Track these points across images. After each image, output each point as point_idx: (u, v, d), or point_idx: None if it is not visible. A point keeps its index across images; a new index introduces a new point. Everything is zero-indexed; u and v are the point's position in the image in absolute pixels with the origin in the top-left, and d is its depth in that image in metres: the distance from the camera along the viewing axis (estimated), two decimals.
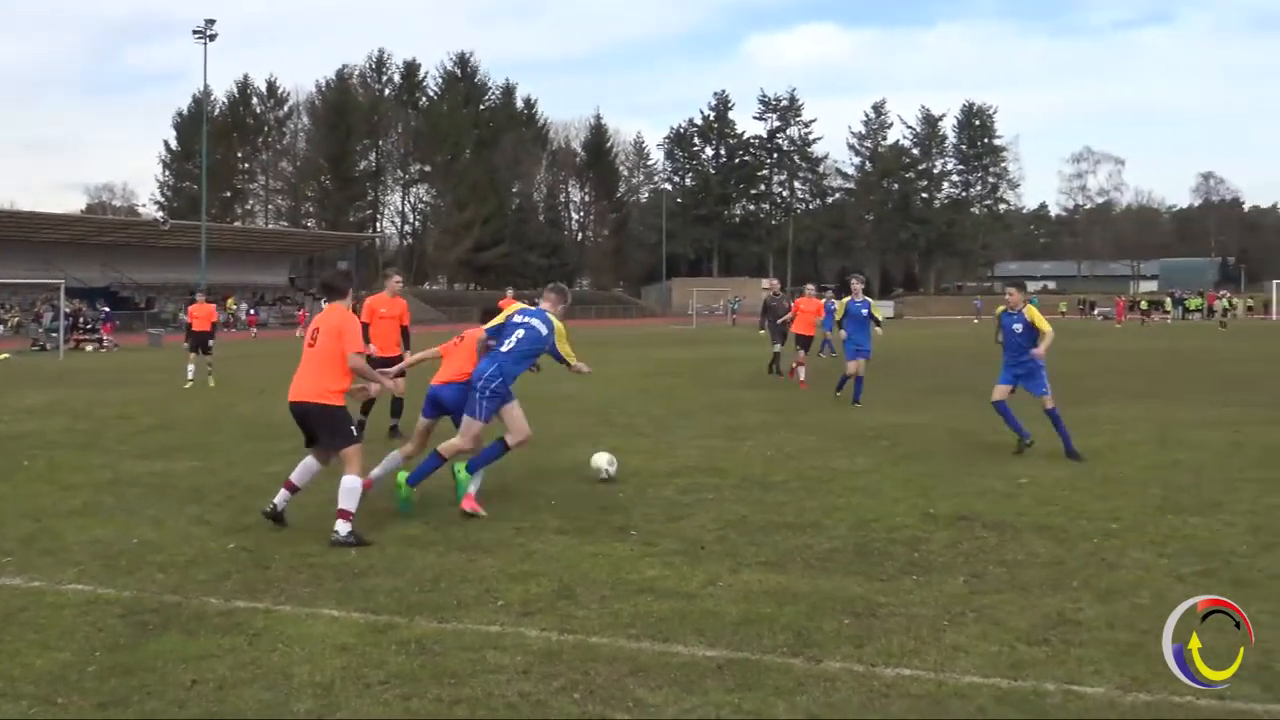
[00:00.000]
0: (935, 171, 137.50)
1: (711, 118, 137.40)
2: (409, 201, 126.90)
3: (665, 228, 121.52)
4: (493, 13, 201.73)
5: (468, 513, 9.20)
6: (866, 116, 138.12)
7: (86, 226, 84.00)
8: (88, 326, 51.67)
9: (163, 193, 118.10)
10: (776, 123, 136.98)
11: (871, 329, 18.51)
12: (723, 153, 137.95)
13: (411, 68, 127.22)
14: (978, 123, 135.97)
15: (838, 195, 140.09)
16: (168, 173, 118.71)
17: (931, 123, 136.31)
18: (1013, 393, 12.76)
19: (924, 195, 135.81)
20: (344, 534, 8.24)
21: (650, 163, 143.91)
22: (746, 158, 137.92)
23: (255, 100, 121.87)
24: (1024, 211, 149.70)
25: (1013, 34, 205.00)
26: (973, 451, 12.96)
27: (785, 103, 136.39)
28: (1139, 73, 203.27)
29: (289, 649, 5.92)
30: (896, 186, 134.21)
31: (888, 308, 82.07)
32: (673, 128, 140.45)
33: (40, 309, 60.84)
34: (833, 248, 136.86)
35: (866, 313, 18.33)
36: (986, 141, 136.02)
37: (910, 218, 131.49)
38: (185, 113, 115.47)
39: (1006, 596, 6.81)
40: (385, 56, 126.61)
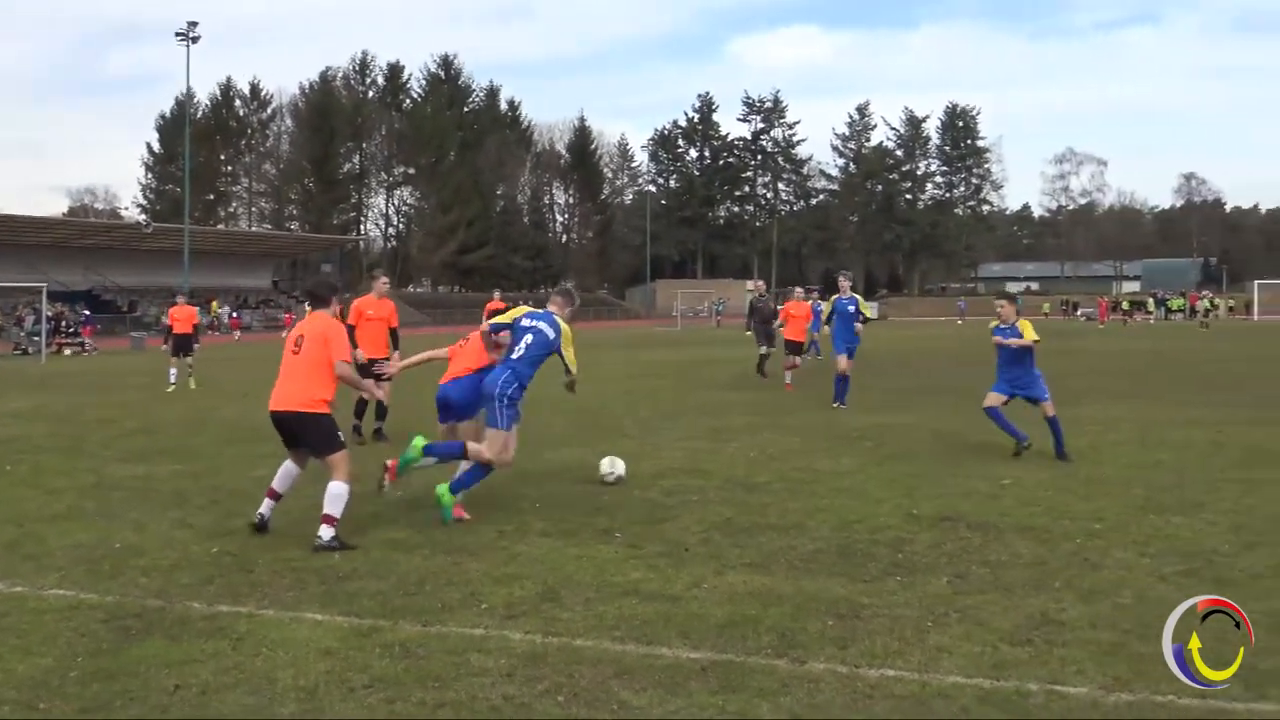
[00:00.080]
0: (919, 173, 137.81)
1: (696, 119, 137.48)
2: (393, 204, 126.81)
3: (650, 229, 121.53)
4: (476, 15, 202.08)
5: (456, 519, 9.18)
6: (850, 118, 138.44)
7: (68, 229, 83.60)
8: (69, 330, 51.42)
9: (145, 195, 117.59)
10: (760, 124, 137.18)
11: (854, 326, 18.20)
12: (707, 154, 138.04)
13: (395, 70, 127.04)
14: (961, 124, 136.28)
15: (822, 197, 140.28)
16: (150, 175, 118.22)
17: (915, 124, 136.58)
18: (1006, 403, 12.61)
19: (908, 196, 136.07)
20: (327, 539, 8.21)
21: (634, 164, 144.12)
22: (731, 159, 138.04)
23: (238, 102, 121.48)
24: (1007, 212, 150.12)
25: (996, 35, 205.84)
26: (956, 452, 12.99)
27: (769, 104, 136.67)
28: (1121, 74, 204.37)
29: (272, 653, 5.91)
30: (880, 188, 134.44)
31: (872, 309, 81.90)
32: (657, 129, 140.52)
33: (22, 313, 60.47)
34: (817, 249, 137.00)
35: (854, 309, 18.16)
36: (970, 143, 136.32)
37: (894, 219, 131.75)
38: (168, 115, 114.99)
39: (990, 597, 6.83)
40: (369, 58, 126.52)
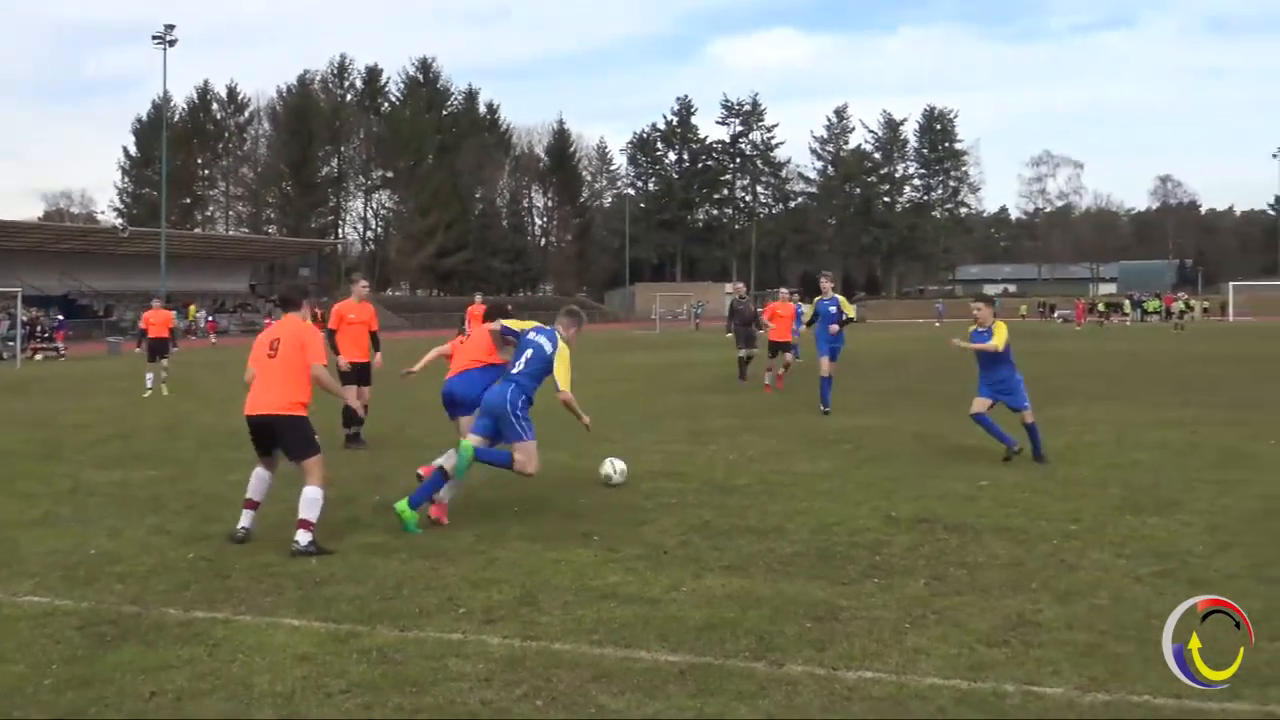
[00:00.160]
0: (897, 175, 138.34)
1: (674, 123, 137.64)
2: (371, 207, 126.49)
3: (628, 233, 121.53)
4: (455, 18, 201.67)
5: (433, 519, 9.18)
6: (828, 121, 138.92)
7: (44, 234, 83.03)
8: (44, 335, 51.07)
9: (122, 199, 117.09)
10: (739, 127, 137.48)
11: (831, 327, 17.87)
12: (685, 157, 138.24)
13: (373, 73, 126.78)
14: (939, 127, 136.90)
15: (800, 199, 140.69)
16: (127, 179, 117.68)
17: (893, 127, 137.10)
18: (991, 407, 12.49)
19: (886, 199, 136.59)
20: (304, 544, 8.19)
21: (613, 168, 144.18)
22: (709, 162, 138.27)
23: (216, 106, 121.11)
24: (985, 215, 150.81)
25: (973, 38, 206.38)
26: (935, 455, 13.03)
27: (748, 107, 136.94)
28: (1097, 77, 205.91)
29: (249, 659, 5.88)
30: (858, 191, 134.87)
31: (853, 309, 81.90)
32: (636, 133, 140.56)
33: None
34: (795, 252, 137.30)
35: (836, 310, 18.00)
36: (947, 145, 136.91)
37: (872, 222, 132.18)
38: (145, 119, 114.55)
39: (967, 598, 6.85)
40: (347, 62, 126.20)
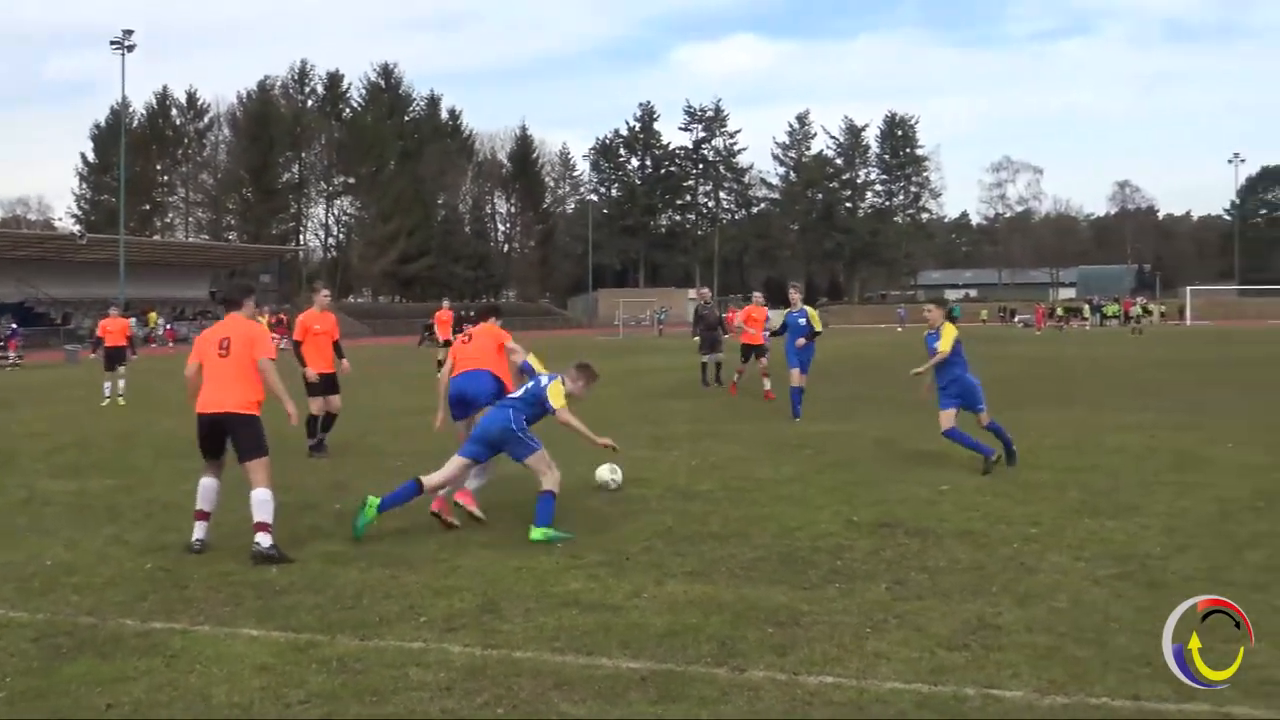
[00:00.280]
0: (859, 181, 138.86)
1: (637, 129, 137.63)
2: (333, 214, 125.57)
3: (591, 238, 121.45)
4: (417, 24, 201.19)
5: (435, 513, 9.28)
6: (791, 127, 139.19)
7: (0, 241, 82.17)
8: None
9: (80, 206, 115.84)
10: (702, 133, 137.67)
11: (799, 340, 17.84)
12: (648, 163, 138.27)
13: (335, 79, 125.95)
14: (900, 133, 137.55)
15: (763, 205, 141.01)
16: (85, 185, 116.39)
17: (854, 133, 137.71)
18: (956, 415, 12.31)
19: (848, 205, 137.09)
20: (266, 546, 8.16)
21: (576, 174, 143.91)
22: (672, 168, 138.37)
23: (175, 112, 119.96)
24: (946, 220, 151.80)
25: (933, 45, 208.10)
26: (896, 459, 13.09)
27: (710, 113, 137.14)
28: (1056, 83, 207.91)
29: (207, 670, 5.83)
30: (821, 196, 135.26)
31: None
32: (599, 139, 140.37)
33: None
34: (758, 257, 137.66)
35: (805, 323, 17.97)
36: (909, 151, 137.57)
37: (834, 227, 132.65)
38: (103, 124, 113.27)
39: (928, 603, 6.88)
40: (308, 68, 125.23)
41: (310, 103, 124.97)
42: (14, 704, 5.38)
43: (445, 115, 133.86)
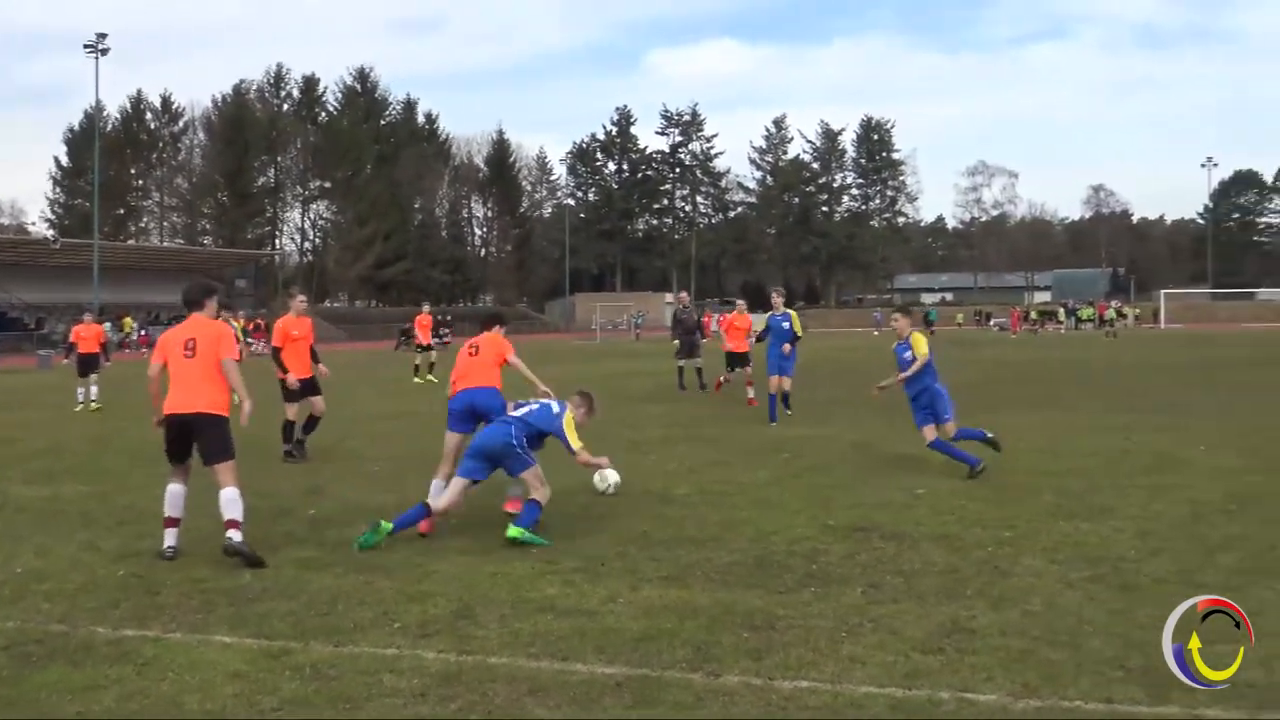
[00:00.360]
0: (835, 185, 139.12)
1: (614, 133, 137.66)
2: (309, 218, 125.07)
3: (568, 243, 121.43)
4: (393, 28, 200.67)
5: (510, 513, 9.43)
6: (767, 131, 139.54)
7: None
8: None
9: (53, 210, 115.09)
10: (679, 138, 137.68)
11: (784, 346, 17.72)
12: (625, 168, 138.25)
13: (310, 83, 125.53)
14: (876, 137, 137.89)
15: (740, 209, 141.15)
16: (58, 190, 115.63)
17: (831, 137, 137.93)
18: (939, 427, 12.22)
19: (824, 209, 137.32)
20: (239, 540, 8.18)
21: (553, 178, 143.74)
22: (649, 172, 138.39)
23: (149, 116, 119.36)
24: (922, 224, 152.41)
25: (909, 49, 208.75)
26: (872, 463, 13.12)
27: (687, 118, 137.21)
28: (1030, 87, 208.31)
29: (179, 677, 5.79)
30: (797, 200, 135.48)
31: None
32: (575, 143, 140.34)
33: None
34: (735, 262, 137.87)
35: (788, 326, 17.87)
36: (885, 155, 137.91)
37: (811, 231, 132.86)
38: (77, 128, 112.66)
39: (903, 606, 6.89)
40: (283, 71, 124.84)
41: (286, 107, 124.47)
42: None
43: (421, 119, 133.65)
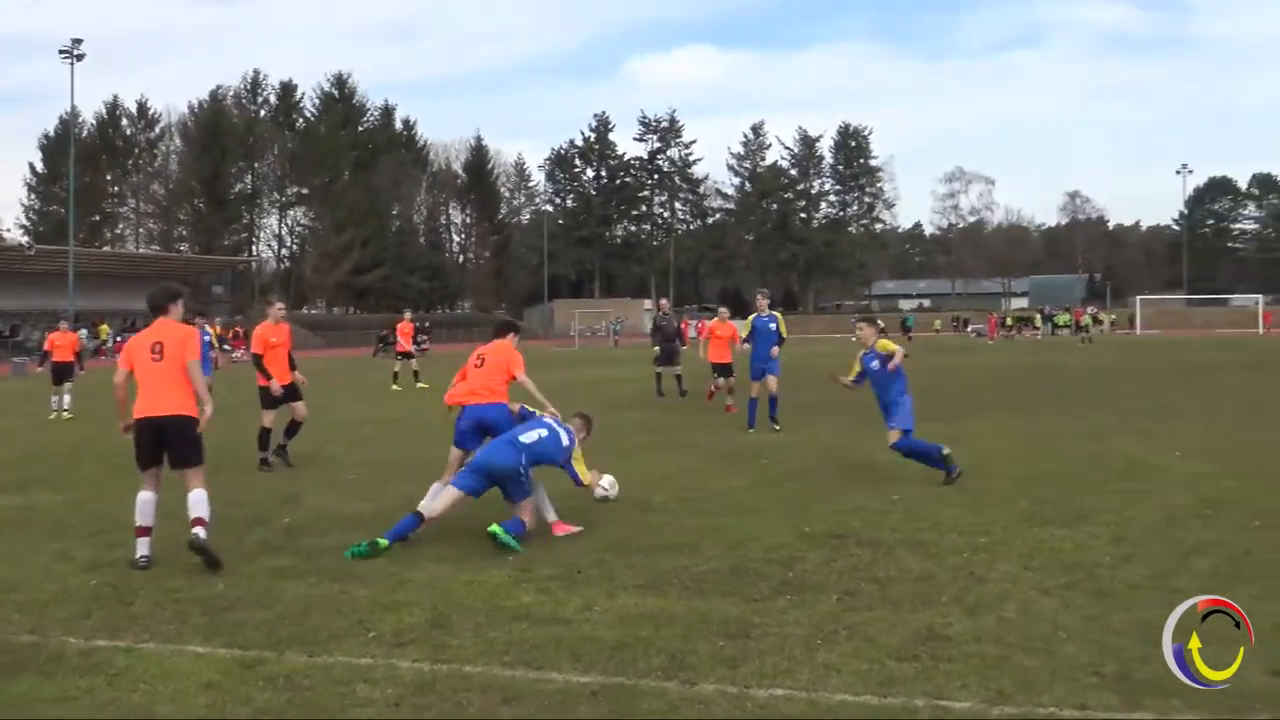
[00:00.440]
0: (813, 192, 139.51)
1: (592, 139, 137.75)
2: (286, 224, 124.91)
3: (547, 249, 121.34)
4: (370, 34, 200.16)
5: (559, 536, 9.43)
6: (745, 137, 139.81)
7: None
8: None
9: (28, 217, 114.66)
10: (657, 144, 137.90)
11: (773, 347, 17.66)
12: (603, 174, 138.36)
13: (288, 89, 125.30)
14: (854, 143, 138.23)
15: (718, 216, 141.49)
16: (33, 196, 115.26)
17: (809, 143, 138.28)
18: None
19: (802, 215, 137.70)
20: (204, 537, 8.27)
21: (531, 184, 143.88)
22: (627, 179, 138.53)
23: (125, 122, 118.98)
24: (899, 231, 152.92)
25: (886, 56, 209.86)
26: (849, 469, 13.13)
27: (665, 124, 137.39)
28: (1007, 95, 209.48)
29: (151, 688, 5.75)
30: (775, 207, 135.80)
31: None
32: (554, 149, 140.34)
33: None
34: (714, 268, 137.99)
35: (774, 327, 17.76)
36: (862, 162, 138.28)
37: (789, 238, 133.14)
38: (52, 134, 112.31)
39: (878, 613, 6.89)
40: (260, 77, 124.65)
41: (263, 113, 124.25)
42: None
43: (399, 125, 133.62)
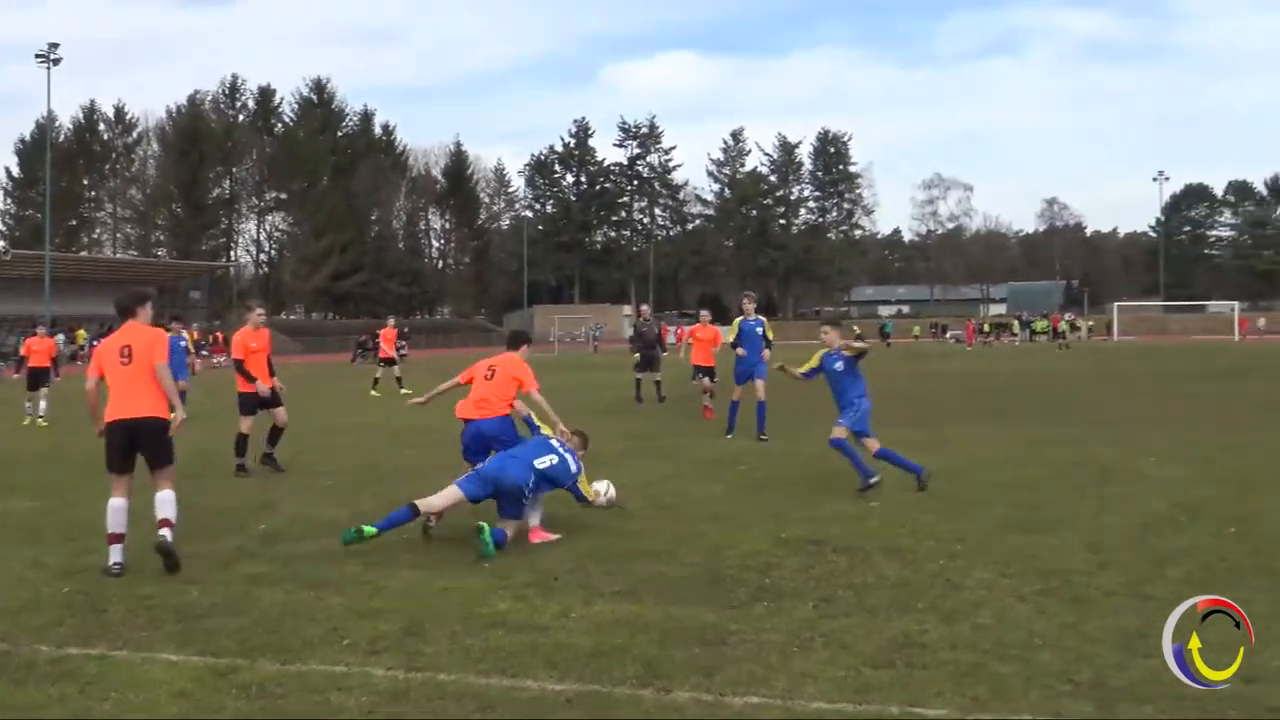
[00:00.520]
0: (792, 198, 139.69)
1: (572, 145, 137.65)
2: (264, 230, 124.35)
3: (526, 255, 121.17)
4: (349, 39, 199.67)
5: (536, 543, 9.45)
6: (725, 144, 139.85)
7: None
8: None
9: (4, 221, 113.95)
10: (637, 150, 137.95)
11: (760, 352, 17.54)
12: (583, 180, 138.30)
13: (266, 93, 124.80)
14: (833, 150, 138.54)
15: (698, 222, 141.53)
16: (9, 200, 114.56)
17: (788, 150, 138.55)
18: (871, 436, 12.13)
19: (782, 221, 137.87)
20: (170, 539, 8.32)
21: (511, 190, 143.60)
22: (607, 185, 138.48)
23: (103, 126, 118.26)
24: (879, 237, 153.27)
25: (865, 63, 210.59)
26: (827, 476, 13.11)
27: (645, 130, 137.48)
28: (985, 101, 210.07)
29: (123, 696, 5.70)
30: (755, 213, 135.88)
31: None
32: (533, 154, 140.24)
33: None
34: (693, 274, 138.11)
35: (761, 331, 17.64)
36: (842, 168, 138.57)
37: (769, 244, 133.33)
38: (28, 139, 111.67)
39: (855, 620, 6.90)
40: (239, 82, 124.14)
41: (241, 118, 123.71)
42: None
43: (379, 131, 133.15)
